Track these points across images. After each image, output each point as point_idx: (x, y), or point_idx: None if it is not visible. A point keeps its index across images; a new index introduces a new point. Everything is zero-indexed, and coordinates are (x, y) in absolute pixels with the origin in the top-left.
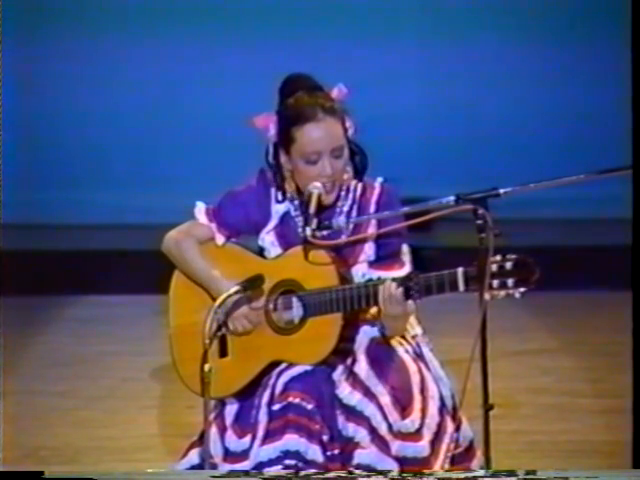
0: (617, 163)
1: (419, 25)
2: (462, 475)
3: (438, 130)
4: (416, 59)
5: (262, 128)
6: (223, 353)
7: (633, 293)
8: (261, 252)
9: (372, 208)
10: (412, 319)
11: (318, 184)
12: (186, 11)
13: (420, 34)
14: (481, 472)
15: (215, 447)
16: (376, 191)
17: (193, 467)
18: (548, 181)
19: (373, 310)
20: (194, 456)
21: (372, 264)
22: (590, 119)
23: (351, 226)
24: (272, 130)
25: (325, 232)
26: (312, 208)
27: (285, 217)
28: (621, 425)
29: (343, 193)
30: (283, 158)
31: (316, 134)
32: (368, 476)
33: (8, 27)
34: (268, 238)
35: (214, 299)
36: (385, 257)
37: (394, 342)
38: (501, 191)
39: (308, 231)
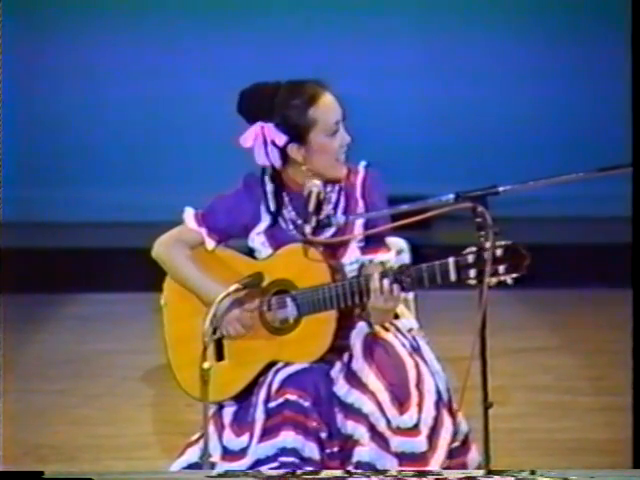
0: (617, 161)
1: (419, 23)
2: (462, 475)
3: (438, 128)
4: (416, 57)
5: (258, 141)
6: (220, 357)
7: (633, 291)
8: (251, 253)
9: (358, 192)
10: (408, 313)
11: (317, 182)
12: (184, 4)
13: (420, 32)
14: (480, 472)
15: (213, 446)
16: (360, 175)
17: (191, 465)
18: (547, 179)
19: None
20: (192, 454)
21: (361, 248)
22: (590, 117)
23: (344, 218)
24: (274, 135)
25: (322, 229)
26: (311, 206)
27: (276, 218)
28: (621, 423)
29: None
30: (297, 152)
31: (331, 104)
32: (367, 476)
33: (5, 26)
34: (258, 239)
35: (206, 304)
36: (372, 241)
37: (391, 337)
38: (500, 189)
39: (307, 229)
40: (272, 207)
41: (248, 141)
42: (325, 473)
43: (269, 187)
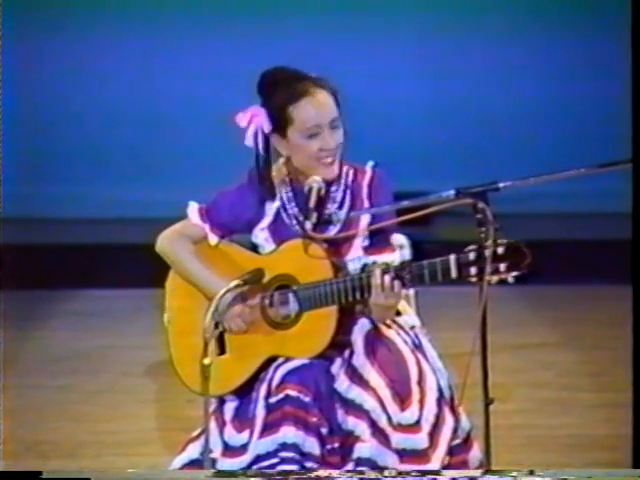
0: (617, 157)
1: (419, 21)
2: (460, 475)
3: (438, 125)
4: (416, 55)
5: (248, 123)
6: (221, 351)
7: (633, 287)
8: (255, 249)
9: (364, 192)
10: (410, 309)
11: (318, 178)
12: (185, 4)
13: (420, 30)
14: (478, 472)
15: (214, 442)
16: (367, 175)
17: (192, 461)
18: (548, 175)
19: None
20: (193, 450)
21: (366, 249)
22: (590, 113)
23: (345, 214)
24: (262, 121)
25: (325, 226)
26: (312, 202)
27: (279, 213)
28: (621, 419)
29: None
30: (279, 144)
31: (313, 107)
32: (365, 477)
33: (6, 24)
34: (262, 235)
35: (209, 298)
36: (376, 242)
37: (392, 333)
38: (500, 185)
39: (308, 225)
40: (275, 203)
41: (243, 121)
42: (322, 473)
43: (272, 183)
